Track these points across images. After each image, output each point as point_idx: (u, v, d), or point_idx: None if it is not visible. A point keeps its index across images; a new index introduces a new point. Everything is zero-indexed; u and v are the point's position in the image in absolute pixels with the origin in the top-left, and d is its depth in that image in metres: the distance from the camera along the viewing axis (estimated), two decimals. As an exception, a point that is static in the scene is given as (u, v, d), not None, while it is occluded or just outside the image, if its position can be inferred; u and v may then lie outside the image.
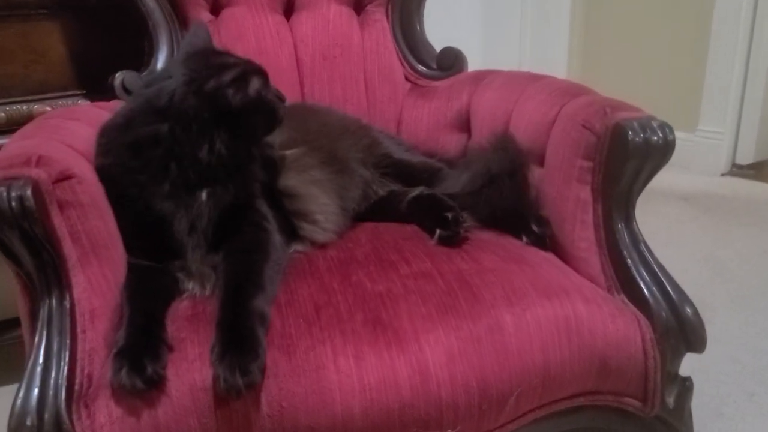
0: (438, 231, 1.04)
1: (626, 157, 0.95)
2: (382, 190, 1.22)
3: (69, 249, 0.85)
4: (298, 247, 1.06)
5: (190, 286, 0.94)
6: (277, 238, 1.00)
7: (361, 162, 1.21)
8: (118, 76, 1.34)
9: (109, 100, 1.33)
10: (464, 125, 1.43)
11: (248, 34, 1.43)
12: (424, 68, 1.56)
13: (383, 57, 1.53)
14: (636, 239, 1.00)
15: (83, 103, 1.51)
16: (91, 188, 0.90)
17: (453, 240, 1.03)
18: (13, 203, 0.78)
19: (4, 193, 0.78)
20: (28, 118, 1.43)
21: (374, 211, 1.20)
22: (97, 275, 0.88)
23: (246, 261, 0.92)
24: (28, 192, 0.79)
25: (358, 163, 1.20)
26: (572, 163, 1.02)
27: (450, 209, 1.05)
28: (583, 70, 3.30)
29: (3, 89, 1.43)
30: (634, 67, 3.14)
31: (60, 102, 1.49)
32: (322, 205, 1.08)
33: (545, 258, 1.04)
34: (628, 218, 1.01)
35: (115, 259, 0.92)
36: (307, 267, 1.01)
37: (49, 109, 1.47)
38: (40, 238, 0.81)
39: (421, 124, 1.49)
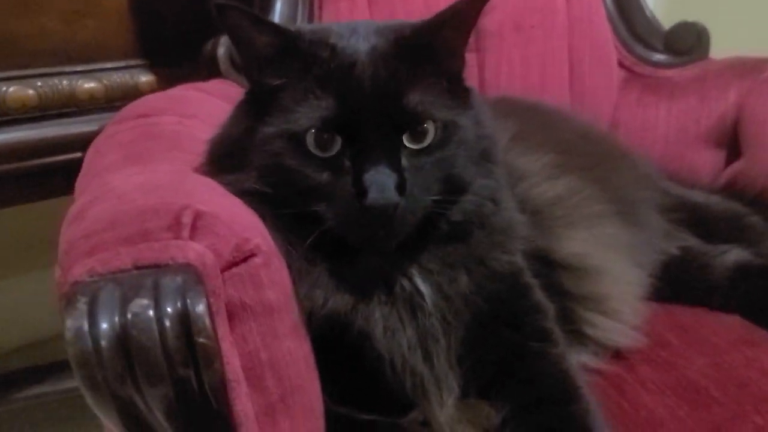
0: None
1: None
2: (673, 247, 0.79)
3: (243, 402, 0.43)
4: (582, 356, 0.64)
5: None
6: (567, 353, 0.58)
7: (651, 205, 0.78)
8: (222, 45, 0.94)
9: (205, 78, 0.93)
10: (725, 139, 1.01)
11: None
12: (647, 50, 1.12)
13: (595, 29, 1.09)
14: None
15: (149, 79, 1.07)
16: (280, 274, 0.48)
17: None
18: (170, 330, 0.36)
19: (150, 311, 0.36)
20: (70, 97, 1.01)
21: (664, 280, 0.76)
22: (287, 444, 0.47)
23: (553, 421, 0.52)
24: (201, 308, 0.37)
25: (647, 206, 0.77)
26: None
27: None
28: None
29: (34, 54, 0.98)
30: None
31: (115, 76, 1.05)
32: (624, 284, 0.66)
33: None
34: None
35: (314, 408, 0.51)
36: (627, 408, 0.59)
37: (95, 85, 1.03)
38: (210, 396, 0.39)
39: (654, 131, 1.06)
